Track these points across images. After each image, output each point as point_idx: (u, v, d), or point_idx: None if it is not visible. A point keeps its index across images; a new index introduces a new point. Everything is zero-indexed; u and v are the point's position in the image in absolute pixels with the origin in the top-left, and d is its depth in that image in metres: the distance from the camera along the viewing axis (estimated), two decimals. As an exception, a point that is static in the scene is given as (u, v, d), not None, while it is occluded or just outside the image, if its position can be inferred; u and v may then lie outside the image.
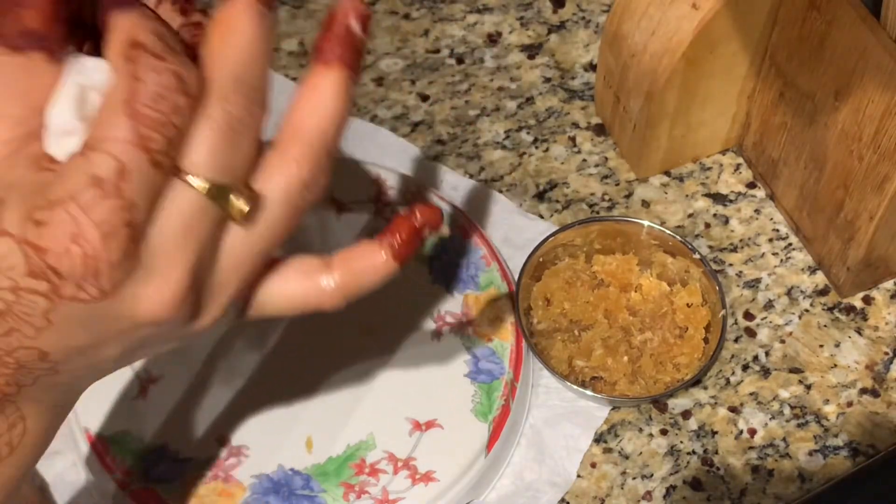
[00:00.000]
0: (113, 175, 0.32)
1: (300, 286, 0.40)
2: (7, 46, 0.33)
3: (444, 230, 0.41)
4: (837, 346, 0.63)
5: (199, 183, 0.34)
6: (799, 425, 0.60)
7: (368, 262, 0.40)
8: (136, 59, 0.33)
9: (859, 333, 0.63)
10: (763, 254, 0.66)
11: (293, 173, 0.36)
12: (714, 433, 0.60)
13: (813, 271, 0.65)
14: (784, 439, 0.60)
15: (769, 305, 0.64)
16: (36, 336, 0.33)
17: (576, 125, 0.71)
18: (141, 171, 0.33)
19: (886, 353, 0.63)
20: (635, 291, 0.63)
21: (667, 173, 0.69)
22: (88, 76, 0.34)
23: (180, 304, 0.35)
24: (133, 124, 0.32)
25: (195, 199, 0.34)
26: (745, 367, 0.62)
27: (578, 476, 0.58)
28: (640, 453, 0.59)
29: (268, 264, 0.39)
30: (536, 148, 0.70)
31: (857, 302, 0.64)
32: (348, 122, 0.37)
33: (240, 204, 0.35)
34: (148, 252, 0.34)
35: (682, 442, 0.60)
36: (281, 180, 0.36)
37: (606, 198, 0.68)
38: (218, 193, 0.34)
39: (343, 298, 0.40)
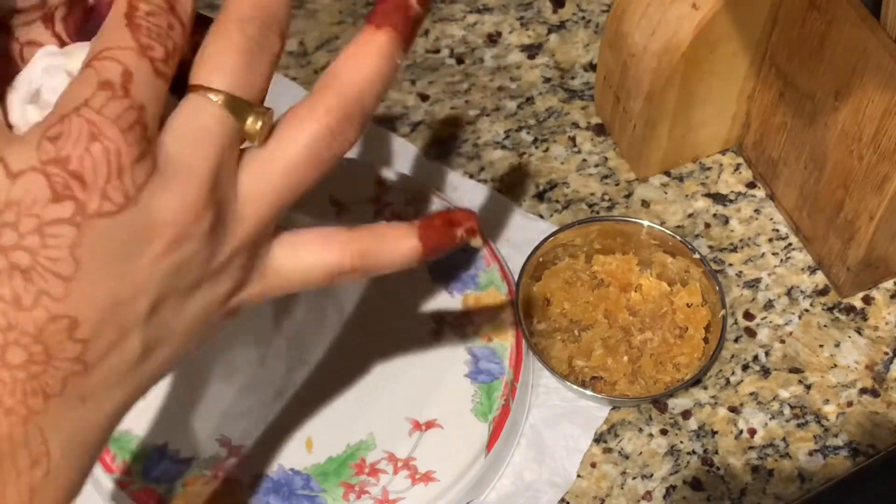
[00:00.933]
0: (119, 78, 0.33)
1: (321, 255, 0.39)
2: None
3: (478, 241, 0.42)
4: (837, 346, 0.63)
5: (215, 96, 0.35)
6: (799, 425, 0.60)
7: (395, 243, 0.40)
8: None
9: (859, 333, 0.63)
10: (763, 254, 0.66)
11: (321, 120, 0.37)
12: (714, 433, 0.60)
13: (813, 271, 0.66)
14: (784, 439, 0.60)
15: (769, 305, 0.64)
16: (65, 294, 0.33)
17: (576, 125, 0.71)
18: (145, 75, 0.34)
19: (886, 353, 0.63)
20: (635, 291, 0.63)
21: (667, 173, 0.69)
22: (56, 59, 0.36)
23: (201, 211, 0.35)
24: (134, 34, 0.34)
25: (211, 109, 0.35)
26: (745, 367, 0.62)
27: (578, 476, 0.58)
28: (640, 453, 0.59)
29: (290, 234, 0.39)
30: (536, 148, 0.70)
31: (857, 302, 0.64)
32: (388, 87, 0.38)
33: (253, 117, 0.36)
34: (165, 159, 0.34)
35: (682, 442, 0.60)
36: (308, 125, 0.37)
37: (606, 198, 0.68)
38: (234, 105, 0.35)
39: (361, 274, 0.40)
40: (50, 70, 0.37)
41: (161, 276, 0.35)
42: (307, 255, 0.39)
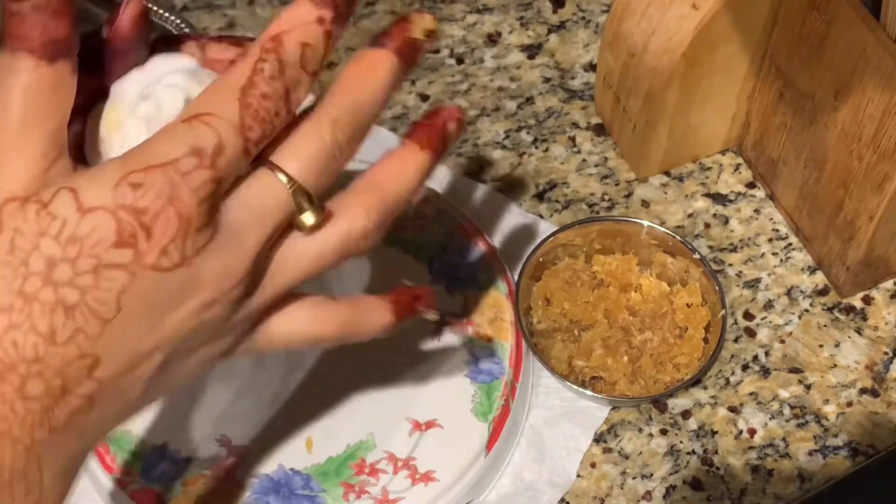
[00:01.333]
0: (211, 149, 0.35)
1: (308, 326, 0.41)
2: (42, 57, 0.35)
3: (434, 315, 0.47)
4: (837, 346, 0.63)
5: (286, 178, 0.37)
6: (799, 425, 0.60)
7: (373, 317, 0.43)
8: (267, 57, 0.36)
9: (859, 333, 0.63)
10: (763, 254, 0.66)
11: (360, 218, 0.39)
12: (714, 433, 0.60)
13: (813, 271, 0.66)
14: (784, 439, 0.60)
15: (769, 305, 0.64)
16: (99, 334, 0.34)
17: (576, 125, 0.71)
18: (235, 153, 0.35)
19: (886, 353, 0.63)
20: (635, 291, 0.63)
21: (667, 173, 0.69)
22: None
23: (242, 280, 0.36)
24: (242, 110, 0.35)
25: (280, 191, 0.37)
26: (745, 367, 0.62)
27: (578, 476, 0.58)
28: (640, 453, 0.59)
29: (285, 303, 0.41)
30: (536, 148, 0.70)
31: (856, 302, 0.64)
32: (416, 201, 0.41)
33: (311, 212, 0.37)
34: (225, 224, 0.36)
35: (681, 442, 0.60)
36: (348, 219, 0.39)
37: (606, 198, 0.68)
38: (300, 196, 0.37)
39: (339, 342, 0.42)
40: (173, 88, 0.38)
41: (183, 334, 0.36)
42: (295, 323, 0.41)
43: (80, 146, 0.39)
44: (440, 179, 0.68)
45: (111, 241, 0.34)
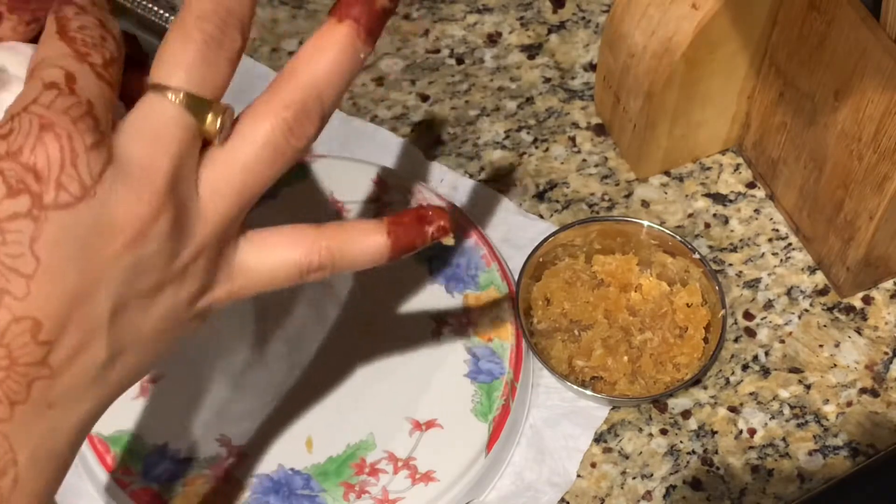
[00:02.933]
0: (63, 79, 0.33)
1: (288, 253, 0.39)
2: None
3: (450, 240, 0.41)
4: (837, 346, 0.63)
5: (173, 94, 0.35)
6: (799, 425, 0.60)
7: (364, 240, 0.40)
8: (61, 7, 0.35)
9: (859, 333, 0.63)
10: (763, 254, 0.66)
11: (279, 115, 0.36)
12: (714, 433, 0.60)
13: (813, 271, 0.66)
14: (784, 439, 0.60)
15: (769, 305, 0.64)
16: (27, 293, 0.32)
17: (576, 125, 0.71)
18: (87, 77, 0.34)
19: (886, 353, 0.63)
20: (635, 291, 0.63)
21: (667, 173, 0.69)
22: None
23: (161, 209, 0.35)
24: (69, 44, 0.34)
25: (169, 107, 0.35)
26: (745, 367, 0.62)
27: (578, 476, 0.58)
28: (640, 453, 0.59)
29: (255, 232, 0.39)
30: (536, 148, 0.70)
31: (856, 302, 0.64)
32: (350, 80, 0.38)
33: (212, 116, 0.35)
34: (122, 155, 0.34)
35: (681, 442, 0.60)
36: (267, 120, 0.36)
37: (606, 198, 0.68)
38: (192, 103, 0.35)
39: (329, 271, 0.39)
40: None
41: (121, 275, 0.34)
42: (274, 253, 0.39)
43: None
44: (440, 180, 0.68)
45: (2, 194, 0.32)
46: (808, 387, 0.62)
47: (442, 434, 0.57)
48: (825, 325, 0.64)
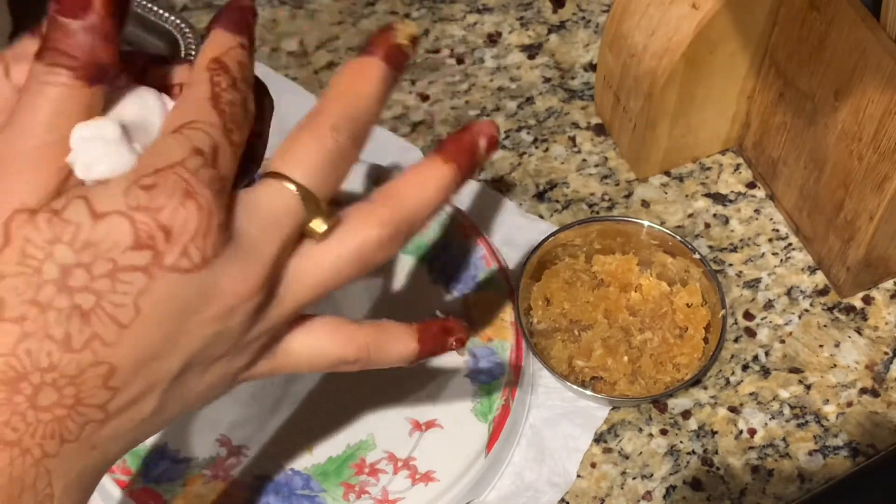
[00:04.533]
0: (209, 149, 0.35)
1: (329, 346, 0.41)
2: (81, 78, 0.34)
3: (464, 352, 0.48)
4: (837, 346, 0.63)
5: (293, 185, 0.37)
6: (799, 425, 0.60)
7: (396, 343, 0.42)
8: (219, 74, 0.36)
9: (859, 333, 0.63)
10: (763, 254, 0.66)
11: (374, 227, 0.38)
12: (714, 433, 0.60)
13: (813, 271, 0.66)
14: (784, 439, 0.60)
15: (769, 305, 0.64)
16: (116, 341, 0.33)
17: (576, 125, 0.71)
18: (228, 153, 0.36)
19: (886, 353, 0.63)
20: (635, 291, 0.63)
21: (667, 173, 0.69)
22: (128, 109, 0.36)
23: (258, 290, 0.36)
24: (219, 115, 0.36)
25: (288, 198, 0.37)
26: (745, 367, 0.62)
27: (578, 476, 0.58)
28: (640, 453, 0.59)
29: (301, 318, 0.40)
30: (536, 148, 0.70)
31: (856, 302, 0.64)
32: (436, 214, 0.40)
33: (321, 218, 0.37)
34: (238, 232, 0.36)
35: (681, 442, 0.60)
36: (362, 229, 0.38)
37: (606, 198, 0.68)
38: (308, 199, 0.37)
39: (361, 366, 0.42)
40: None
41: (200, 342, 0.36)
42: (317, 342, 0.40)
43: None
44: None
45: (128, 244, 0.33)
46: (809, 387, 0.61)
47: (442, 434, 0.57)
48: (825, 326, 0.64)
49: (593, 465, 0.59)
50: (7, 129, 0.35)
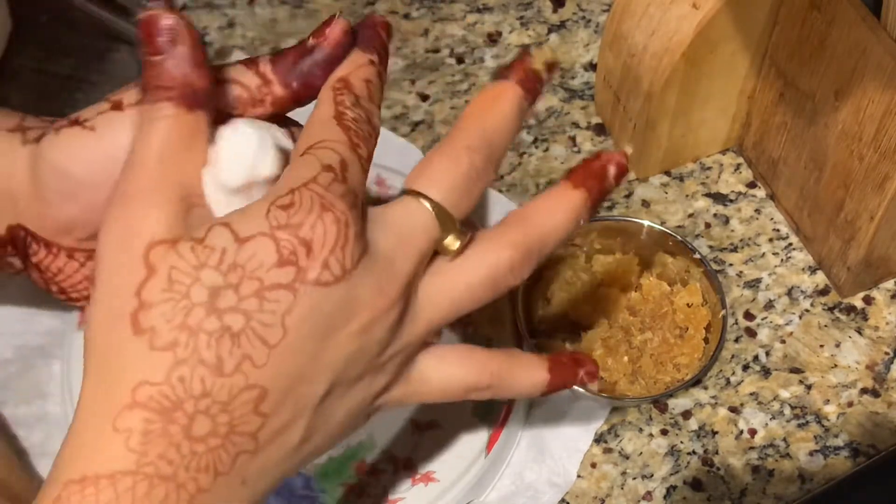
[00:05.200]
0: (338, 165, 0.36)
1: (462, 371, 0.41)
2: (181, 105, 0.36)
3: (594, 387, 0.46)
4: (838, 346, 0.63)
5: (429, 202, 0.38)
6: (799, 425, 0.60)
7: (528, 372, 0.43)
8: (342, 93, 0.38)
9: (860, 333, 0.63)
10: (763, 254, 0.66)
11: (507, 249, 0.39)
12: (714, 433, 0.60)
13: (813, 271, 0.65)
14: (784, 439, 0.60)
15: (769, 305, 0.64)
16: (265, 362, 0.34)
17: (576, 125, 0.71)
18: (357, 168, 0.37)
19: (887, 353, 0.63)
20: (635, 291, 0.63)
21: (667, 173, 0.69)
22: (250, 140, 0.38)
23: (395, 302, 0.37)
24: (346, 132, 0.37)
25: (424, 215, 0.38)
26: (746, 367, 0.62)
27: (578, 476, 0.58)
28: (641, 453, 0.59)
29: (435, 346, 0.41)
30: (536, 148, 0.70)
31: (857, 302, 0.64)
32: (567, 239, 0.42)
33: (455, 236, 0.38)
34: (374, 246, 0.36)
35: (682, 442, 0.60)
36: (495, 253, 0.39)
37: (606, 197, 0.68)
38: (444, 219, 0.38)
39: (492, 393, 0.42)
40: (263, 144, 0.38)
41: (343, 360, 0.36)
42: (450, 369, 0.41)
43: None
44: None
45: (272, 262, 0.34)
46: (809, 387, 0.61)
47: (442, 434, 0.57)
48: (826, 326, 0.64)
49: (593, 466, 0.59)
50: (125, 168, 0.36)
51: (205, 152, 0.36)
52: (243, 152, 0.37)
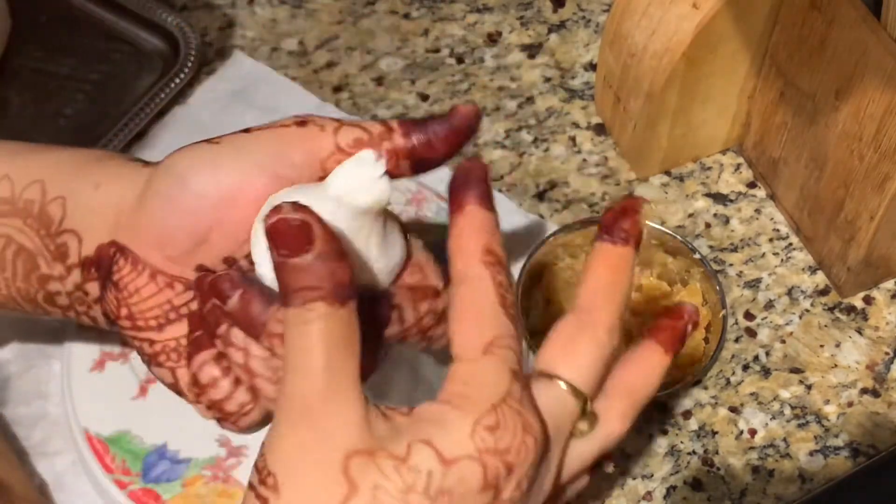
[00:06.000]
0: (517, 366, 0.37)
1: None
2: (335, 303, 0.35)
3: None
4: (838, 346, 0.63)
5: (574, 390, 0.39)
6: (799, 425, 0.60)
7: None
8: (500, 272, 0.38)
9: (860, 333, 0.63)
10: (763, 254, 0.66)
11: (619, 423, 0.41)
12: (714, 433, 0.60)
13: (813, 271, 0.65)
14: (784, 439, 0.60)
15: (769, 305, 0.64)
16: None
17: (576, 125, 0.71)
18: (517, 360, 0.37)
19: (887, 353, 0.62)
20: (636, 291, 0.63)
21: (667, 173, 0.69)
22: None
23: (548, 497, 0.38)
24: (512, 321, 0.38)
25: (571, 404, 0.39)
26: (746, 367, 0.62)
27: (579, 476, 0.58)
28: (641, 453, 0.59)
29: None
30: (536, 148, 0.70)
31: (857, 302, 0.64)
32: (656, 390, 0.43)
33: (587, 420, 0.39)
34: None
35: (682, 442, 0.60)
36: (610, 425, 0.40)
37: (606, 198, 0.68)
38: (581, 400, 0.39)
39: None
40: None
41: None
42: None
43: None
44: (440, 180, 0.68)
45: (478, 487, 0.34)
46: (809, 387, 0.61)
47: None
48: (826, 326, 0.64)
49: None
50: (287, 379, 0.35)
51: (359, 341, 0.36)
52: (373, 175, 0.39)
